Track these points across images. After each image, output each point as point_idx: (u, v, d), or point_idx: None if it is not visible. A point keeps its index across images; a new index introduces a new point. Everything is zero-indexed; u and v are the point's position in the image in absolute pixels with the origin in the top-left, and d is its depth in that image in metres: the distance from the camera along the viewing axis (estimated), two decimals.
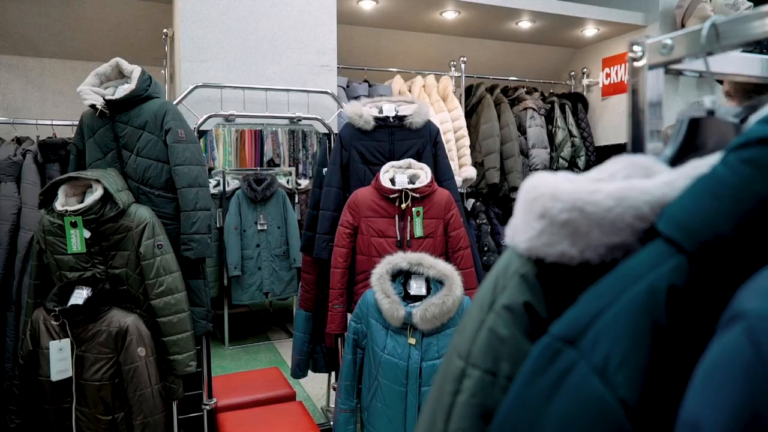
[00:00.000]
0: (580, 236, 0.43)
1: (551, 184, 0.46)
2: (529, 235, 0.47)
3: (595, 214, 0.43)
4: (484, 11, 3.43)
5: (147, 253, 2.04)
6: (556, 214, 0.44)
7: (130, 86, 2.12)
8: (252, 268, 4.41)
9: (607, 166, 0.50)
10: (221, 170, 4.68)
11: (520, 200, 0.50)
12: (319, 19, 2.77)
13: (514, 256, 0.50)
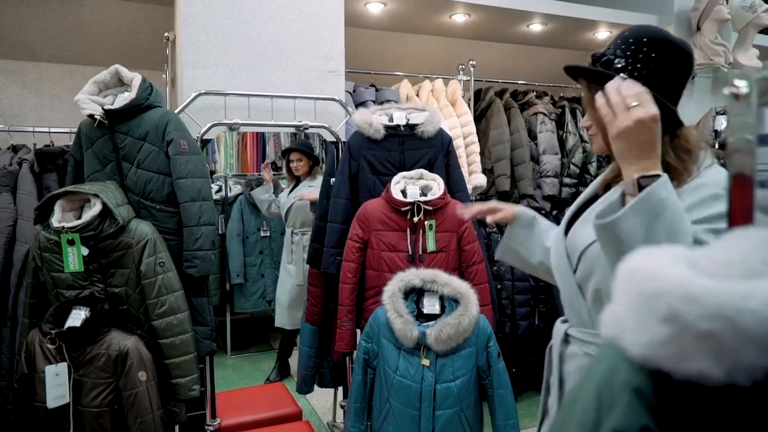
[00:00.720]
0: (727, 353, 0.33)
1: (680, 278, 0.36)
2: (648, 340, 0.37)
3: (752, 329, 0.32)
4: (494, 14, 3.33)
5: (148, 272, 1.94)
6: (693, 322, 0.34)
7: (130, 95, 2.02)
8: (255, 275, 4.31)
9: (734, 245, 0.39)
10: (223, 175, 4.57)
11: (625, 287, 0.40)
12: (326, 23, 2.66)
13: (620, 360, 0.40)
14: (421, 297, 2.12)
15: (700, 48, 3.58)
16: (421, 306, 2.10)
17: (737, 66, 3.64)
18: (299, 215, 3.59)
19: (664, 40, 1.06)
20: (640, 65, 1.05)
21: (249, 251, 4.32)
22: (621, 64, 1.06)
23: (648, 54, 1.05)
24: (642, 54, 1.05)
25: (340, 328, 2.39)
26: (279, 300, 3.72)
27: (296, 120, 2.56)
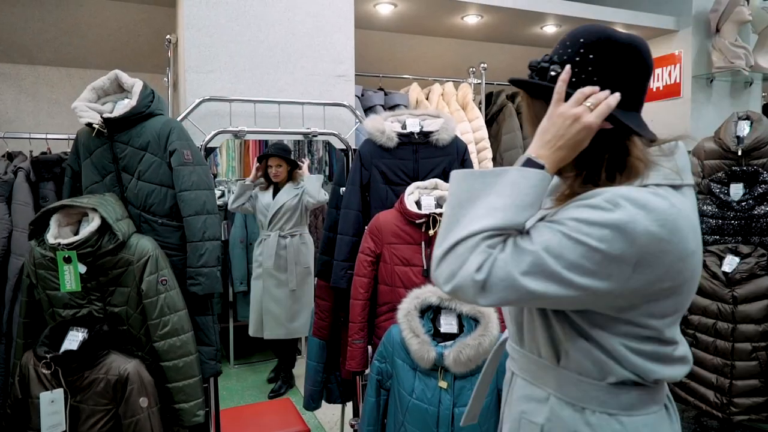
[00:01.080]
0: None
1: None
2: None
3: None
4: (508, 15, 3.22)
5: (149, 290, 1.83)
6: None
7: (130, 102, 1.90)
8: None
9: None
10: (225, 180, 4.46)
11: None
12: (335, 25, 2.55)
13: None
14: (437, 315, 2.01)
15: (719, 50, 3.46)
16: (437, 325, 2.00)
17: (758, 69, 3.53)
18: (287, 218, 3.48)
19: (604, 39, 0.92)
20: (577, 70, 0.92)
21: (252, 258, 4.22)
22: (556, 72, 0.93)
23: (585, 56, 0.92)
24: (579, 57, 0.92)
25: (351, 346, 2.28)
26: (268, 310, 3.54)
27: (304, 127, 2.45)
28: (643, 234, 0.81)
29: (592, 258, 0.82)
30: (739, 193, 2.87)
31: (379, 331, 2.29)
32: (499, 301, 0.85)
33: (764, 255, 2.74)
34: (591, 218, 0.83)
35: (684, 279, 0.88)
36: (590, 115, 0.88)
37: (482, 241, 0.86)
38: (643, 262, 0.83)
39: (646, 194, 0.85)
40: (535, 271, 0.83)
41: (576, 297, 0.84)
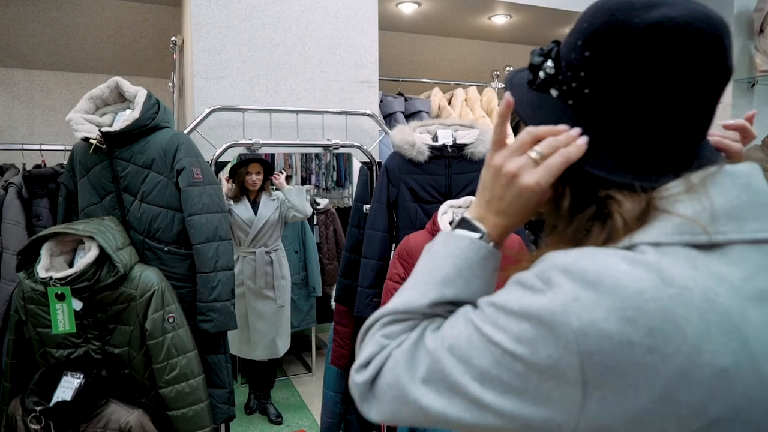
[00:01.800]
0: None
1: None
2: None
3: None
4: (538, 15, 2.99)
5: (155, 330, 1.60)
6: None
7: (132, 114, 1.67)
8: None
9: None
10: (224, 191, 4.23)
11: None
12: (357, 26, 2.31)
13: None
14: None
15: (763, 52, 3.22)
16: None
17: None
18: (270, 233, 3.27)
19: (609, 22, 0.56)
20: (570, 73, 0.60)
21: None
22: (548, 72, 0.62)
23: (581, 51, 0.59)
24: (574, 51, 0.59)
25: None
26: (256, 329, 3.32)
27: (324, 138, 2.22)
28: (587, 333, 0.48)
29: (510, 367, 0.52)
30: None
31: None
32: (389, 415, 0.59)
33: None
34: (509, 304, 0.53)
35: (718, 416, 0.47)
36: (533, 174, 0.60)
37: (381, 327, 0.62)
38: (601, 382, 0.48)
39: (614, 262, 0.51)
40: (432, 379, 0.56)
41: (501, 429, 0.54)
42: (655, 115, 0.57)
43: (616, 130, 0.58)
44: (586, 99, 0.58)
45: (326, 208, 4.29)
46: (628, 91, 0.56)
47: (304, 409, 3.62)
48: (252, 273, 3.26)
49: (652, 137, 0.58)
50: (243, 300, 3.31)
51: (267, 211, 3.24)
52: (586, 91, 0.58)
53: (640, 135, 0.57)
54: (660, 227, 0.54)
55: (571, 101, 0.59)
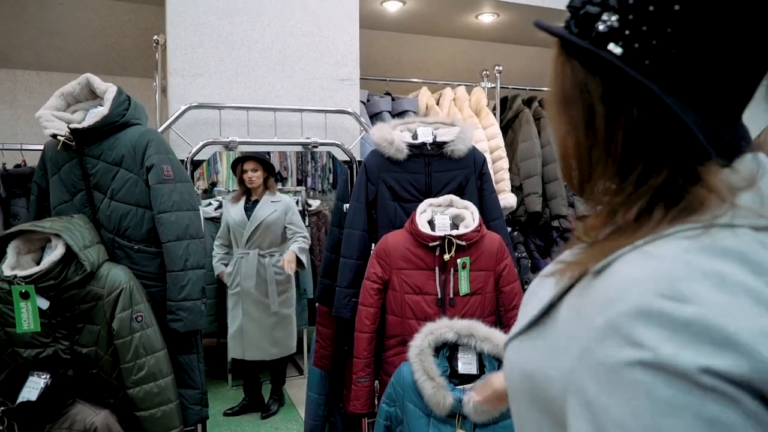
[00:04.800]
0: None
1: None
2: None
3: None
4: (526, 13, 2.96)
5: (122, 329, 1.57)
6: None
7: (101, 110, 1.65)
8: None
9: None
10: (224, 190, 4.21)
11: None
12: (338, 24, 2.29)
13: None
14: (454, 352, 1.76)
15: None
16: (454, 364, 1.75)
17: None
18: (267, 235, 3.19)
19: None
20: (647, 29, 0.52)
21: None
22: (611, 24, 0.53)
23: (666, 5, 0.51)
24: (655, 3, 0.51)
25: (356, 385, 2.02)
26: (249, 332, 3.28)
27: (303, 136, 2.19)
28: None
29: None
30: None
31: (387, 366, 2.03)
32: None
33: None
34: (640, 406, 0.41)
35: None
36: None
37: None
38: None
39: (741, 294, 0.42)
40: None
41: None
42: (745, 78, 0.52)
43: (712, 92, 0.52)
44: (671, 58, 0.52)
45: (318, 210, 4.27)
46: (725, 49, 0.50)
47: (293, 411, 3.59)
48: (248, 275, 3.23)
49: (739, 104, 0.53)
50: (238, 299, 3.29)
51: (264, 212, 3.18)
52: (673, 51, 0.51)
53: (733, 100, 0.52)
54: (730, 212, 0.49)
55: (648, 61, 0.52)
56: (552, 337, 0.54)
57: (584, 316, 0.49)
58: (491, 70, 3.20)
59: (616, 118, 0.54)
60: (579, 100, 0.58)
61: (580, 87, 0.57)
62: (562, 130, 0.61)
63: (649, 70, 0.52)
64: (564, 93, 0.59)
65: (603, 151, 0.56)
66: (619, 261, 0.49)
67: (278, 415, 3.52)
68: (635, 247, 0.50)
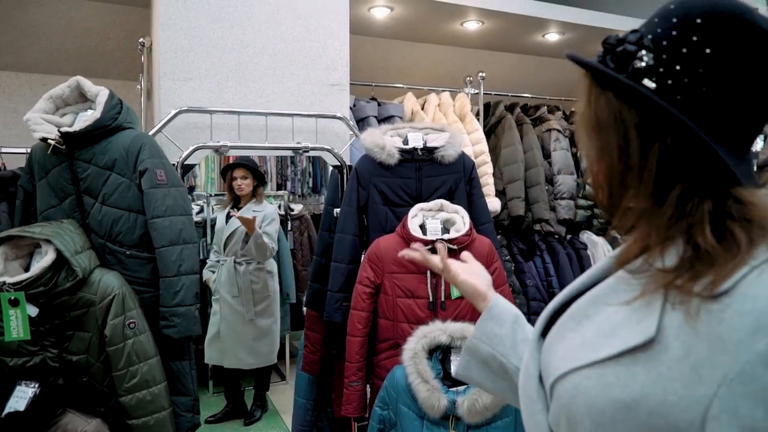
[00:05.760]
0: None
1: None
2: None
3: None
4: (509, 21, 3.02)
5: (114, 336, 1.55)
6: None
7: (93, 114, 1.63)
8: None
9: None
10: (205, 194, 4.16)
11: None
12: (328, 29, 2.30)
13: None
14: (447, 355, 1.79)
15: None
16: (447, 366, 1.77)
17: None
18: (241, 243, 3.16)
19: (736, 21, 0.56)
20: (680, 68, 0.58)
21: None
22: (647, 62, 0.60)
23: (699, 48, 0.57)
24: (688, 47, 0.58)
25: (348, 389, 2.02)
26: (226, 339, 3.24)
27: (294, 141, 2.19)
28: None
29: None
30: None
31: (379, 370, 2.04)
32: None
33: None
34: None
35: None
36: None
37: None
38: None
39: None
40: None
41: None
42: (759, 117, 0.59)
43: (732, 127, 0.58)
44: (701, 96, 0.58)
45: (300, 214, 4.25)
46: (747, 91, 0.57)
47: (276, 417, 3.56)
48: (224, 282, 3.20)
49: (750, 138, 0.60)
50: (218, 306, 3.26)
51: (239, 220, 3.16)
52: (703, 89, 0.57)
53: (747, 134, 0.59)
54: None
55: (680, 96, 0.58)
56: (664, 363, 0.55)
57: (727, 340, 0.51)
58: (475, 77, 3.25)
59: (650, 146, 0.59)
60: (614, 129, 0.62)
61: (615, 116, 0.62)
62: (592, 155, 0.66)
63: (681, 104, 0.58)
64: (598, 121, 0.64)
65: (637, 175, 0.61)
66: (748, 284, 0.53)
67: (261, 422, 3.49)
68: (754, 268, 0.54)
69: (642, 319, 0.57)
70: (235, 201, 3.23)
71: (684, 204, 0.59)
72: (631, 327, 0.58)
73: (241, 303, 3.18)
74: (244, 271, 3.19)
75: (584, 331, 0.65)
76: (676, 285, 0.56)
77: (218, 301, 3.26)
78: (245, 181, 3.12)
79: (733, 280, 0.53)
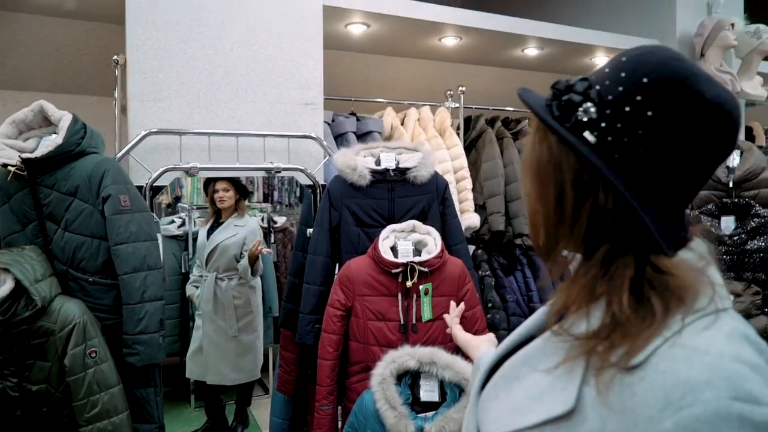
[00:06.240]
0: None
1: None
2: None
3: None
4: (487, 37, 3.02)
5: (75, 366, 1.53)
6: None
7: (56, 139, 1.61)
8: None
9: None
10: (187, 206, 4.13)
11: None
12: (302, 48, 2.30)
13: None
14: (416, 380, 1.78)
15: None
16: (416, 392, 1.77)
17: (743, 95, 3.42)
18: (223, 258, 3.12)
19: (682, 89, 0.55)
20: (621, 126, 0.56)
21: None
22: (590, 115, 0.58)
23: (641, 109, 0.55)
24: (632, 106, 0.56)
25: (318, 413, 2.00)
26: (209, 355, 3.21)
27: (266, 162, 2.18)
28: None
29: None
30: (730, 227, 2.73)
31: (351, 393, 2.03)
32: None
33: (758, 293, 2.59)
34: None
35: None
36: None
37: None
38: None
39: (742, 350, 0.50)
40: None
41: None
42: (694, 184, 0.58)
43: (666, 192, 0.57)
44: (638, 157, 0.56)
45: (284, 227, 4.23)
46: (685, 157, 0.56)
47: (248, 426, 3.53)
48: (206, 299, 3.17)
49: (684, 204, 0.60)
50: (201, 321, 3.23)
51: (223, 235, 3.12)
52: (640, 151, 0.56)
53: (681, 200, 0.59)
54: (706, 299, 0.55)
55: (617, 155, 0.57)
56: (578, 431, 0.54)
57: (638, 416, 0.50)
58: (455, 90, 3.25)
59: (584, 200, 0.58)
60: (552, 177, 0.61)
61: (555, 164, 0.61)
62: (533, 196, 0.65)
63: (617, 163, 0.57)
64: (539, 164, 0.63)
65: (569, 227, 0.60)
66: (660, 357, 0.52)
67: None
68: (666, 339, 0.52)
69: (565, 386, 0.57)
70: (217, 214, 3.20)
71: (608, 265, 0.59)
72: (555, 394, 0.58)
73: (224, 319, 3.16)
74: (226, 287, 3.16)
75: (515, 393, 0.64)
76: (596, 352, 0.55)
77: (201, 316, 3.23)
78: (227, 194, 3.08)
79: (645, 352, 0.52)
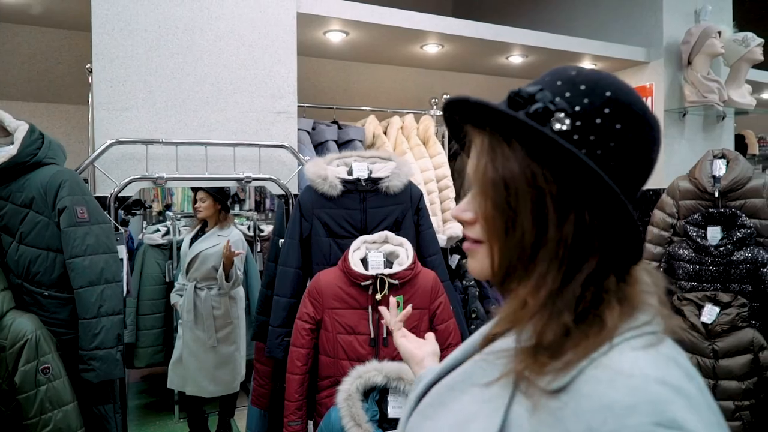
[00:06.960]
0: None
1: None
2: None
3: None
4: (470, 45, 2.99)
5: (25, 383, 1.48)
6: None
7: (10, 150, 1.57)
8: None
9: None
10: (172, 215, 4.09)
11: None
12: (274, 56, 2.26)
13: None
14: (384, 396, 1.73)
15: (692, 84, 3.29)
16: (384, 408, 1.71)
17: (731, 103, 3.38)
18: (204, 268, 3.08)
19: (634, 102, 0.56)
20: (594, 138, 0.54)
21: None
22: (564, 126, 0.54)
23: (611, 121, 0.54)
24: (602, 118, 0.54)
25: (287, 429, 1.95)
26: (189, 365, 3.16)
27: (236, 171, 2.14)
28: None
29: None
30: (716, 237, 2.69)
31: (321, 408, 1.98)
32: None
33: (745, 305, 2.55)
34: None
35: None
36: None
37: None
38: None
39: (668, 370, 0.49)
40: None
41: None
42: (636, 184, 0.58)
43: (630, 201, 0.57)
44: (609, 170, 0.55)
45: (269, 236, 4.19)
46: (640, 170, 0.57)
47: None
48: (186, 308, 3.13)
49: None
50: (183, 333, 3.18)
51: (205, 244, 3.09)
52: (612, 164, 0.55)
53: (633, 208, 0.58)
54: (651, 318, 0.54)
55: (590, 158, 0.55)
56: None
57: None
58: (439, 98, 3.21)
59: (565, 218, 0.54)
60: (527, 194, 0.54)
61: (527, 179, 0.54)
62: (488, 211, 0.57)
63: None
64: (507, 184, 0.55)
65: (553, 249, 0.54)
66: (584, 380, 0.48)
67: None
68: (593, 361, 0.49)
69: (491, 413, 0.53)
70: (203, 223, 3.17)
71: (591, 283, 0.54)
72: (482, 422, 0.53)
73: (203, 329, 3.11)
74: (206, 297, 3.12)
75: (441, 421, 0.60)
76: (523, 376, 0.51)
77: (182, 325, 3.19)
78: (203, 204, 3.05)
79: (572, 373, 0.49)
